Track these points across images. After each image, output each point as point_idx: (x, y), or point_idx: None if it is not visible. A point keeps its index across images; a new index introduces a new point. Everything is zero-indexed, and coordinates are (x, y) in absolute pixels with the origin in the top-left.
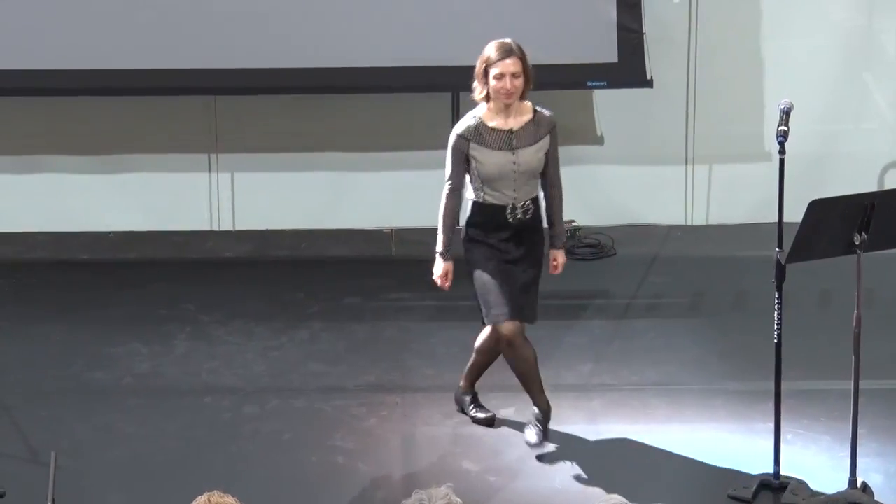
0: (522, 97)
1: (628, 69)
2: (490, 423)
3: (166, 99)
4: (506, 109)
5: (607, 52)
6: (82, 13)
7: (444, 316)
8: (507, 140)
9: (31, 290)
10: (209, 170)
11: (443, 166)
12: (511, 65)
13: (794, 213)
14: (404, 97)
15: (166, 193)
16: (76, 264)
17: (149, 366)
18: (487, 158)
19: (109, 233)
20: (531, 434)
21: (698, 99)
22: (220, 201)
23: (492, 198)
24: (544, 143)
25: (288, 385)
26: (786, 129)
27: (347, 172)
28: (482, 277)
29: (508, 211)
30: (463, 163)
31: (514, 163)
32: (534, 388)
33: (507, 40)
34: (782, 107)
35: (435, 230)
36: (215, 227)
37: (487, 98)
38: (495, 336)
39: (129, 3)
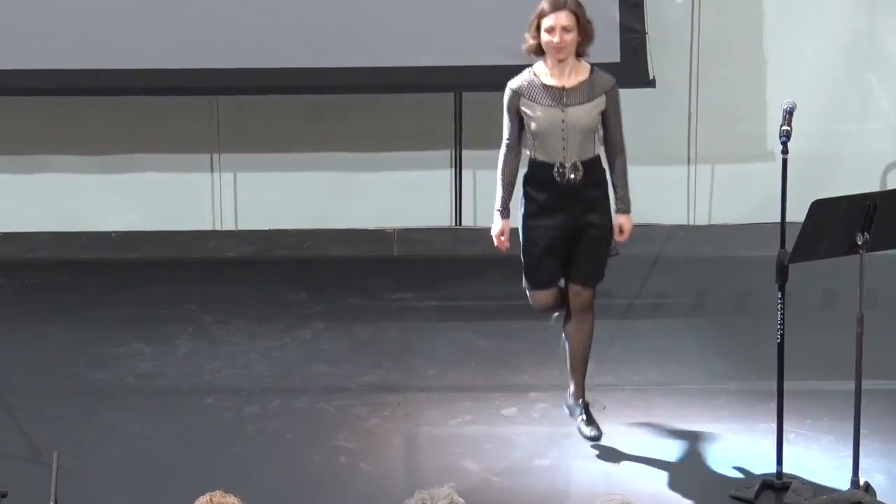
0: (580, 54)
1: (631, 69)
2: (595, 439)
3: (169, 99)
4: (560, 65)
5: (610, 52)
6: (84, 13)
7: (447, 316)
8: (558, 97)
9: (33, 290)
10: (212, 170)
11: (447, 165)
12: (563, 18)
13: (797, 213)
14: (407, 97)
15: (169, 193)
16: (78, 264)
17: (151, 366)
18: (537, 114)
19: (112, 233)
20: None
21: (701, 99)
22: (222, 201)
23: (542, 155)
24: (599, 102)
25: (290, 385)
26: (788, 128)
27: (350, 172)
28: (524, 243)
29: (556, 170)
30: (517, 118)
31: (563, 120)
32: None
33: None
34: (785, 107)
35: (435, 230)
36: (218, 227)
37: (540, 51)
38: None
39: (131, 3)
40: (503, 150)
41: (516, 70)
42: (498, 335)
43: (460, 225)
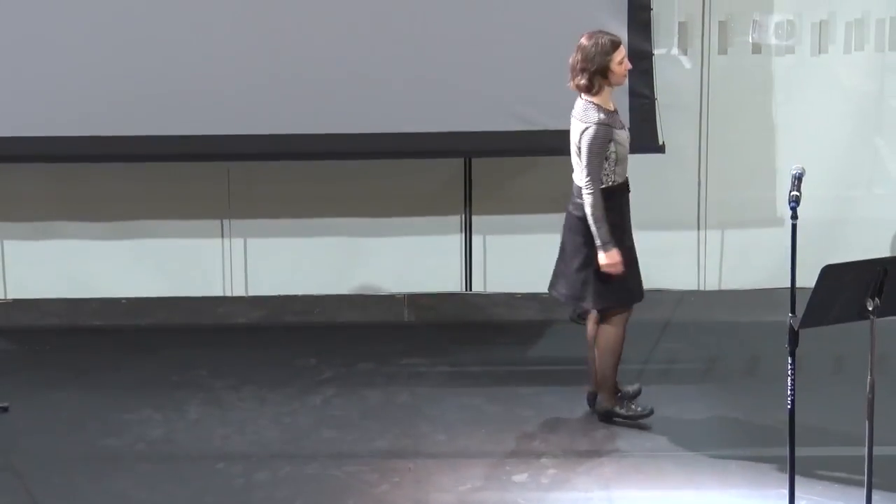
0: None
1: (641, 134)
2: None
3: (179, 165)
4: (610, 93)
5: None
6: (94, 80)
7: (457, 381)
8: (619, 119)
9: (44, 357)
10: (222, 235)
11: (457, 230)
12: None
13: (807, 279)
14: (417, 163)
15: (179, 259)
16: (89, 330)
17: (161, 432)
18: (621, 138)
19: (122, 299)
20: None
21: (710, 164)
22: (232, 267)
23: (619, 177)
24: None
25: (300, 451)
26: (798, 194)
27: (360, 238)
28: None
29: (628, 186)
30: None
31: (628, 138)
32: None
33: (592, 30)
34: (794, 172)
35: (445, 295)
36: (228, 293)
37: (598, 91)
38: (626, 317)
39: (141, 71)
40: (598, 187)
41: (526, 136)
42: (508, 401)
43: (470, 290)
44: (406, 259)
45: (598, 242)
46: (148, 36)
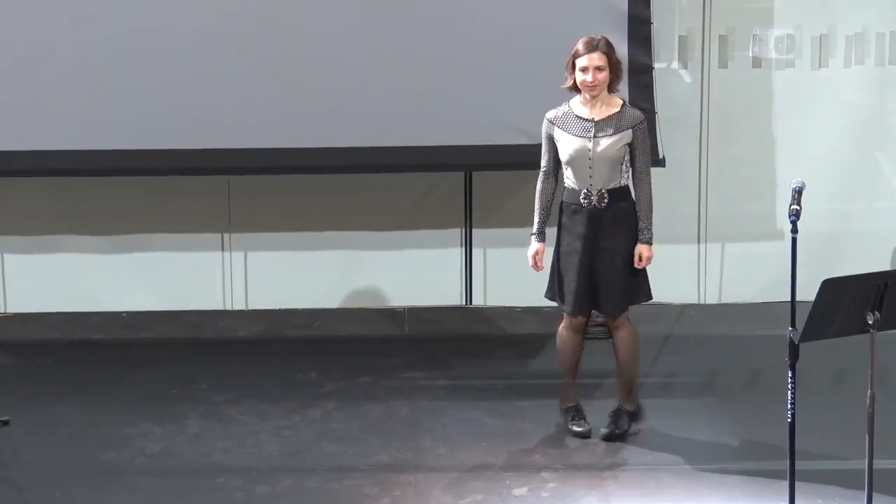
0: (611, 90)
1: None
2: (586, 436)
3: (180, 179)
4: (592, 100)
5: None
6: (95, 94)
7: (457, 395)
8: (587, 128)
9: (44, 371)
10: (222, 249)
11: (457, 244)
12: (596, 59)
13: (807, 292)
14: (417, 176)
15: (180, 273)
16: (89, 344)
17: (161, 446)
18: (566, 142)
19: (123, 313)
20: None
21: (711, 178)
22: (233, 281)
23: (571, 182)
24: (626, 135)
25: (301, 465)
26: (798, 207)
27: (360, 251)
28: (556, 264)
29: (583, 196)
30: (551, 146)
31: (590, 150)
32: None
33: (596, 36)
34: (794, 186)
35: (445, 308)
36: (228, 307)
37: (576, 88)
38: (564, 320)
39: (141, 85)
40: (540, 176)
41: (526, 149)
42: (508, 414)
43: (470, 304)
44: (406, 272)
45: None
46: (148, 50)
